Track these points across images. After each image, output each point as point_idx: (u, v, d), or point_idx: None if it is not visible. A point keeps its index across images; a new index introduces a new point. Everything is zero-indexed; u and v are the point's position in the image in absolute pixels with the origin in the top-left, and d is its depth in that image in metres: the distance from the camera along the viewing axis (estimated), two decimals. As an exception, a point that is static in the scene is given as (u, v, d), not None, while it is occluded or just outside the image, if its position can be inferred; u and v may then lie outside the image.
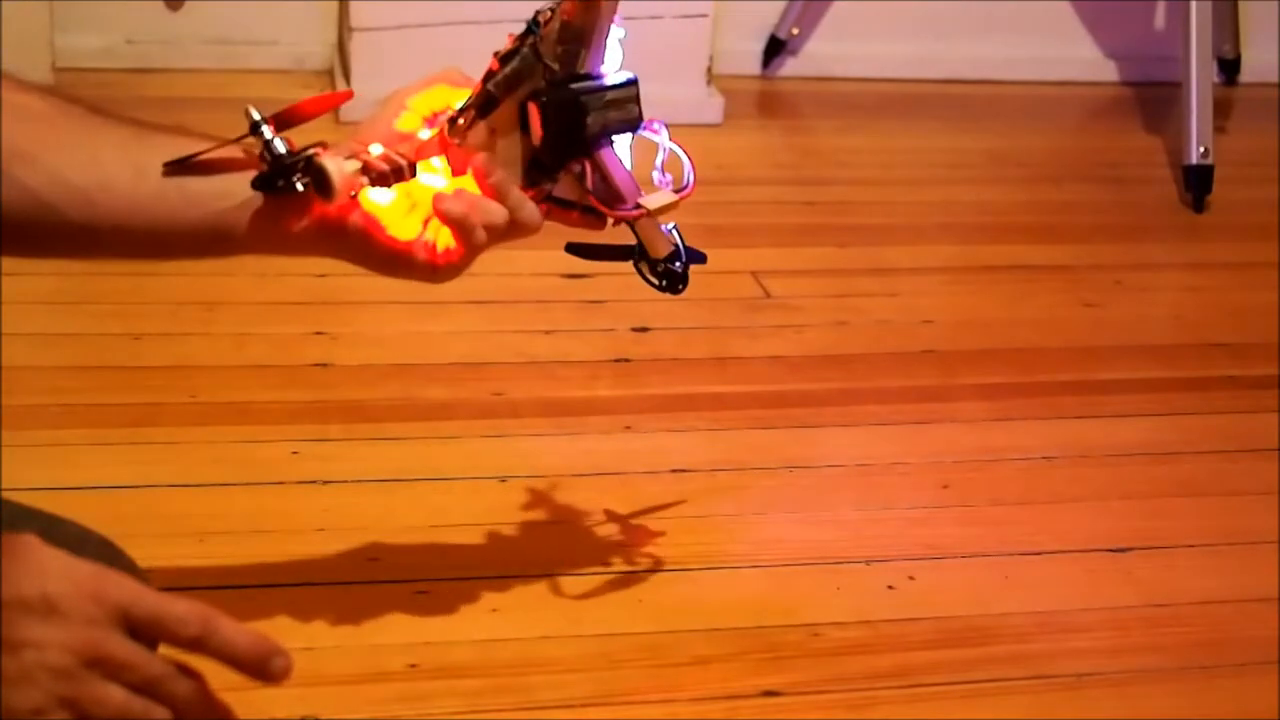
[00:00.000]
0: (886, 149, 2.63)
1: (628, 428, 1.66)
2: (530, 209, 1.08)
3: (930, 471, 1.61)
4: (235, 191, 1.03)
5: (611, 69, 1.08)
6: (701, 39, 2.61)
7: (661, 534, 1.46)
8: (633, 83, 1.09)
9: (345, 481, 1.52)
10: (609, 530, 1.46)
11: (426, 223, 1.07)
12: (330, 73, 2.66)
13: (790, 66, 2.91)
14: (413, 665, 1.26)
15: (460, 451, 1.59)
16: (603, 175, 1.09)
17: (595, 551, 1.43)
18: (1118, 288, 2.13)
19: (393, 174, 1.04)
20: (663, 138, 1.13)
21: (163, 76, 2.60)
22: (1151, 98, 2.88)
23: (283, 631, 1.28)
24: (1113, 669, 1.32)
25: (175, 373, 1.70)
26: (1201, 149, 2.40)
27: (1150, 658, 1.34)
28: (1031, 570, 1.45)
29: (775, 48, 2.88)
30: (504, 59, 1.07)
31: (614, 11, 1.05)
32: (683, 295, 1.72)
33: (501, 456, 1.58)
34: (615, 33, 1.08)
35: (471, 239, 1.06)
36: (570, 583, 1.38)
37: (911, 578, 1.42)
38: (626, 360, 1.81)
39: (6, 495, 1.01)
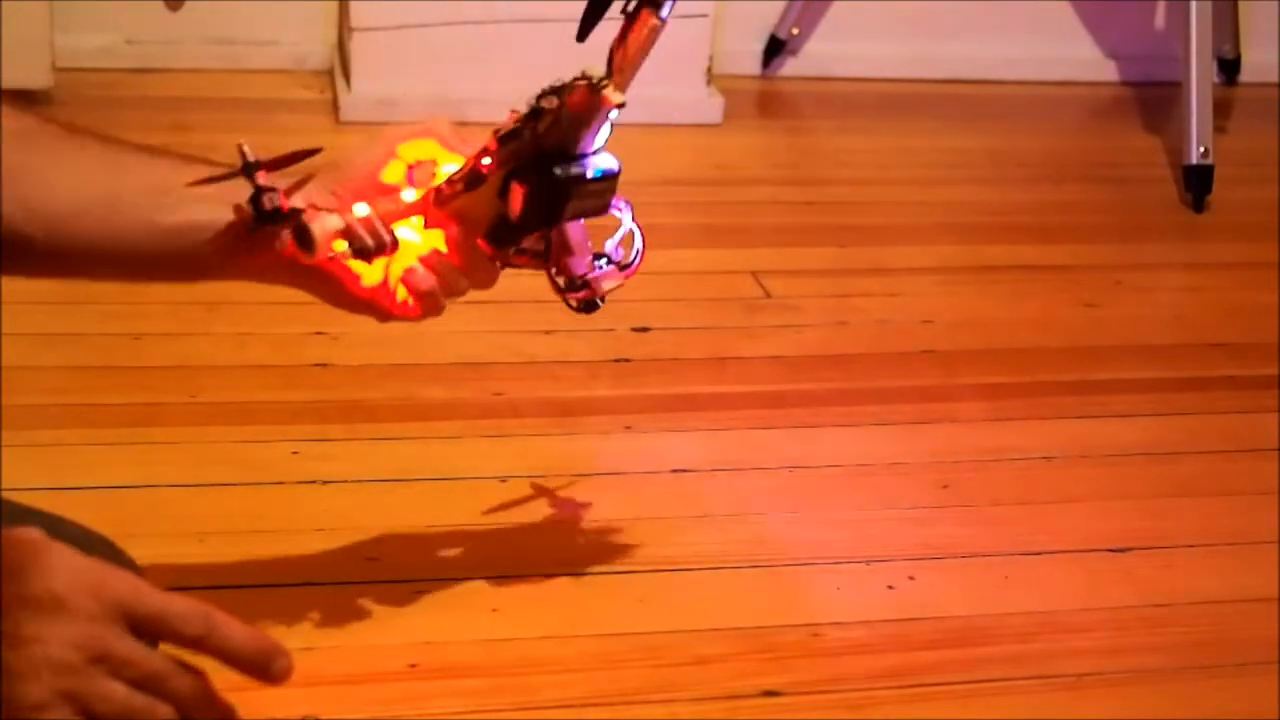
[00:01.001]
0: (886, 149, 2.63)
1: (628, 428, 1.66)
2: (490, 274, 1.13)
3: (930, 471, 1.61)
4: (207, 225, 1.03)
5: (601, 145, 1.08)
6: (701, 39, 2.61)
7: (661, 534, 1.46)
8: (615, 174, 1.09)
9: (345, 481, 1.52)
10: (609, 530, 1.46)
11: (389, 268, 1.10)
12: (330, 73, 2.66)
13: (790, 66, 2.91)
14: (413, 665, 1.26)
15: (460, 451, 1.59)
16: (562, 241, 1.12)
17: (595, 551, 1.43)
18: (1118, 288, 2.13)
19: (375, 250, 1.05)
20: (625, 216, 1.15)
21: (163, 76, 2.60)
22: (1151, 98, 2.88)
23: (283, 631, 1.28)
24: (1113, 669, 1.32)
25: (175, 373, 1.70)
26: (1201, 149, 2.40)
27: (1150, 658, 1.34)
28: (1031, 570, 1.45)
29: (775, 48, 2.88)
30: (503, 139, 1.06)
31: (620, 110, 1.05)
32: (683, 295, 1.73)
33: (501, 456, 1.58)
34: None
35: (433, 307, 1.11)
36: (570, 583, 1.38)
37: (911, 578, 1.42)
38: (626, 360, 1.81)
39: (6, 495, 1.01)
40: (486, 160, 1.06)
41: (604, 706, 1.23)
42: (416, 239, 1.10)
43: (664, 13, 1.08)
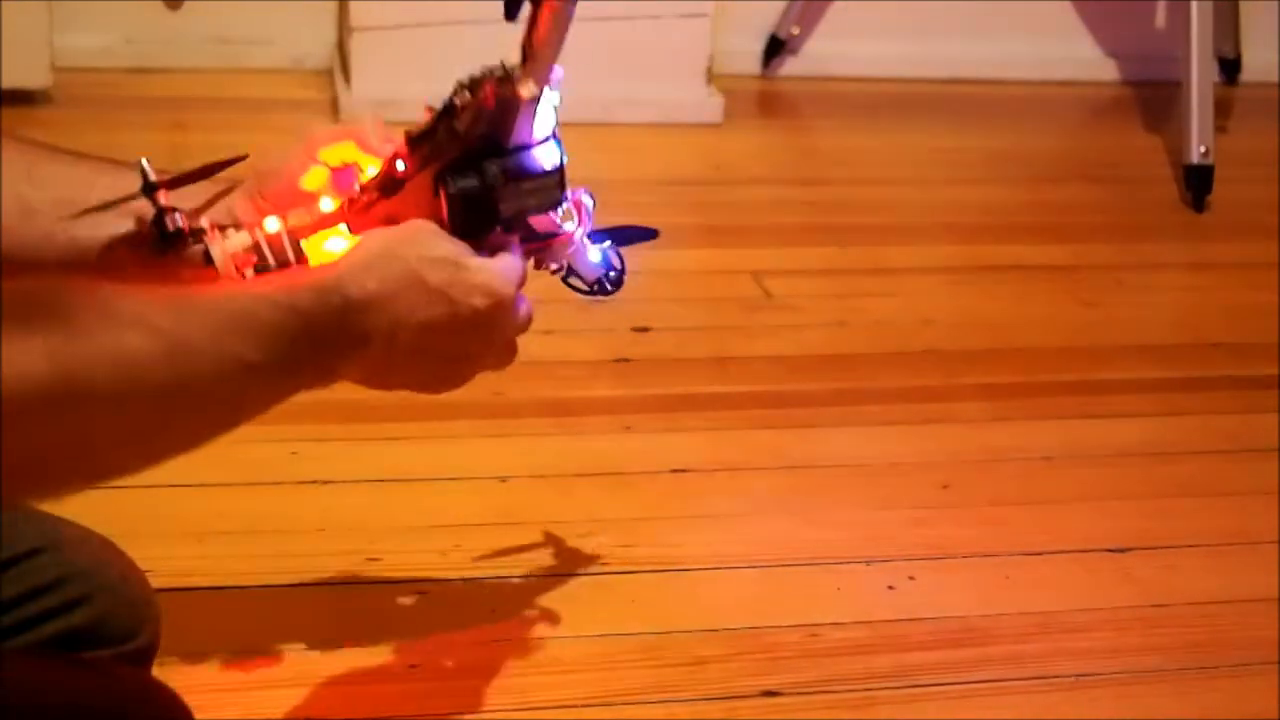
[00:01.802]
0: (886, 149, 2.63)
1: (628, 428, 1.66)
2: None
3: (930, 471, 1.60)
4: (117, 240, 0.99)
5: (541, 134, 0.97)
6: (701, 39, 2.61)
7: (661, 534, 1.46)
8: (557, 170, 0.98)
9: (345, 481, 1.52)
10: (609, 530, 1.46)
11: None
12: (329, 72, 2.66)
13: (790, 66, 2.91)
14: (413, 665, 1.26)
15: (460, 451, 1.59)
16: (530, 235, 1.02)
17: (595, 551, 1.43)
18: (1118, 288, 2.13)
19: (277, 268, 0.96)
20: (586, 209, 1.04)
21: (162, 76, 2.60)
22: (1151, 97, 2.88)
23: (283, 631, 1.28)
24: (1112, 669, 1.31)
25: (175, 372, 1.70)
26: (1202, 148, 2.40)
27: (1150, 658, 1.34)
28: (1031, 570, 1.45)
29: (775, 47, 2.88)
30: (414, 141, 0.97)
31: (538, 101, 0.96)
32: (683, 295, 1.73)
33: (501, 456, 1.58)
34: (549, 98, 0.97)
35: None
36: (570, 583, 1.38)
37: (911, 578, 1.42)
38: (626, 360, 1.81)
39: (7, 495, 1.01)
40: (401, 165, 0.97)
41: (604, 706, 1.23)
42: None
43: None
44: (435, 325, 0.92)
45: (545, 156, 0.98)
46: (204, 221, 0.96)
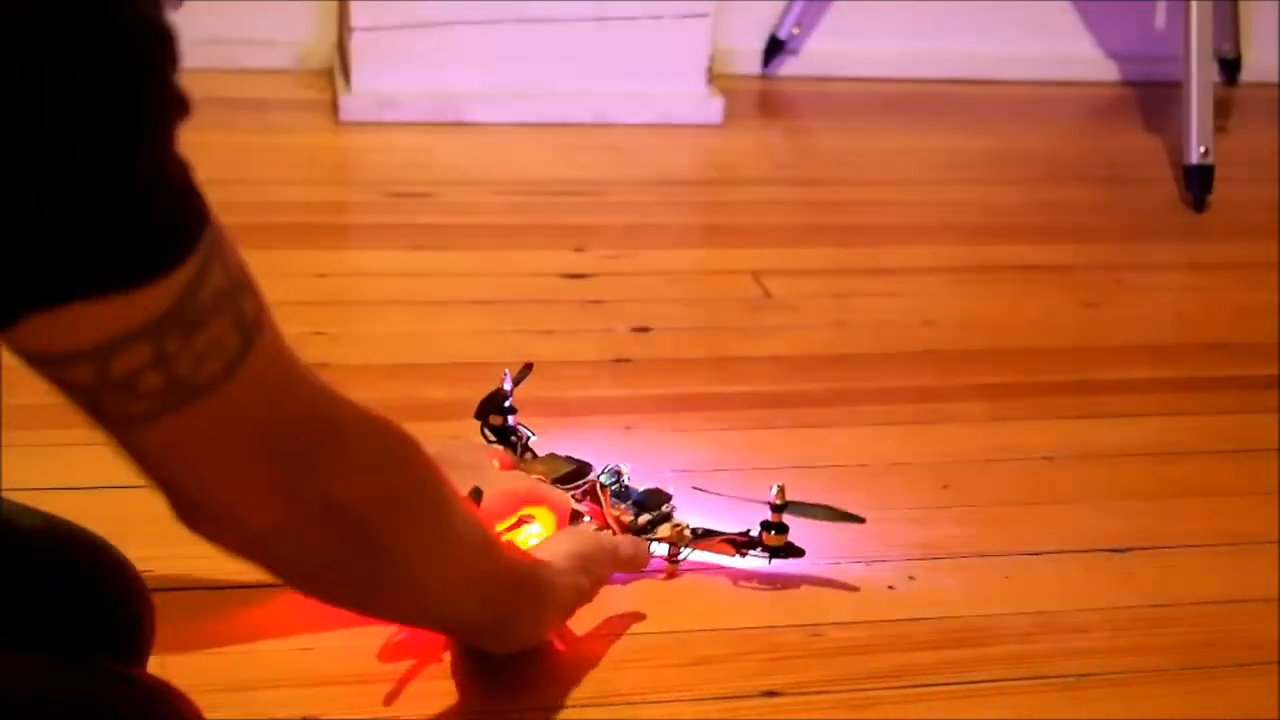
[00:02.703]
0: (886, 149, 2.63)
1: (628, 428, 1.65)
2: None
3: (930, 471, 1.60)
4: None
5: None
6: (701, 39, 2.61)
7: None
8: None
9: (345, 481, 1.52)
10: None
11: None
12: (329, 72, 2.67)
13: (790, 66, 2.91)
14: (412, 665, 1.26)
15: (460, 451, 1.58)
16: None
17: (595, 551, 1.42)
18: (1118, 288, 2.13)
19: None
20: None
21: (163, 76, 2.60)
22: (1151, 97, 2.89)
23: (282, 632, 1.28)
24: (1113, 669, 1.31)
25: (175, 372, 1.70)
26: (1202, 149, 2.40)
27: (1151, 658, 1.34)
28: (1031, 570, 1.45)
29: (775, 47, 2.88)
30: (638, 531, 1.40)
31: None
32: (683, 295, 1.72)
33: (501, 456, 1.57)
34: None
35: None
36: (570, 583, 1.38)
37: (911, 578, 1.42)
38: (626, 360, 1.81)
39: (6, 495, 1.01)
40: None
41: (604, 706, 1.23)
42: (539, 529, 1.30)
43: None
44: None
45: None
46: None
